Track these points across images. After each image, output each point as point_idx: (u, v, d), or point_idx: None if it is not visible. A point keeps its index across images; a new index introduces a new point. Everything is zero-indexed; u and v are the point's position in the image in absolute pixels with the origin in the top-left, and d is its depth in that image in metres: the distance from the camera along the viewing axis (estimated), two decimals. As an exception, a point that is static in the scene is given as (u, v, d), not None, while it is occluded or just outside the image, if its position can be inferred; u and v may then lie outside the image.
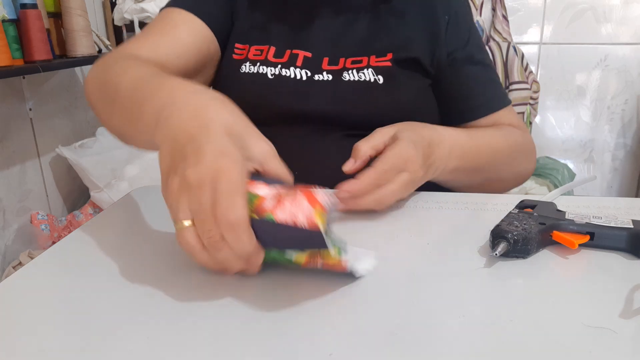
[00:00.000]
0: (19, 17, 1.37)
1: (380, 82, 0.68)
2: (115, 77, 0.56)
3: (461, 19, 0.74)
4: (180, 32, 0.69)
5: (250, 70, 0.70)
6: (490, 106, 0.73)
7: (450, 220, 0.55)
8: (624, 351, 0.33)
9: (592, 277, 0.43)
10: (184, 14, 0.71)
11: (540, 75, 1.94)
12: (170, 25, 0.70)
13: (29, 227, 1.61)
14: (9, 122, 1.55)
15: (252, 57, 0.72)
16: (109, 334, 0.36)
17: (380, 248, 0.49)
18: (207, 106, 0.41)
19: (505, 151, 0.70)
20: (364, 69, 0.69)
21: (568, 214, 0.49)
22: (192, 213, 0.37)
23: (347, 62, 0.70)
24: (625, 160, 2.00)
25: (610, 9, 1.84)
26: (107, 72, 0.59)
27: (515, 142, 0.72)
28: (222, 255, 0.38)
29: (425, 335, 0.35)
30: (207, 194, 0.36)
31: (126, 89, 0.52)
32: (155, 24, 0.71)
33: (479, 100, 0.73)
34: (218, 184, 0.36)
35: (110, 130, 0.62)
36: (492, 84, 0.76)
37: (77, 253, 0.49)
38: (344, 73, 0.70)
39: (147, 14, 1.81)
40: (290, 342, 0.34)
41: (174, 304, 0.39)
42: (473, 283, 0.42)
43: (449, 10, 0.73)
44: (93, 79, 0.63)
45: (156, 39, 0.68)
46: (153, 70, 0.54)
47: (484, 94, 0.74)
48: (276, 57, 0.71)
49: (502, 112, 0.74)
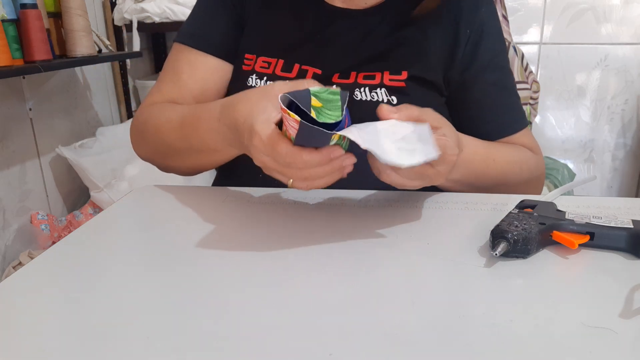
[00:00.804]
0: (19, 17, 1.37)
1: (393, 102, 0.66)
2: (158, 130, 0.67)
3: (485, 35, 0.70)
4: (182, 79, 0.73)
5: (257, 84, 0.69)
6: (500, 131, 0.71)
7: (450, 220, 0.55)
8: (624, 351, 0.33)
9: (592, 277, 0.43)
10: (189, 55, 0.73)
11: (540, 75, 1.94)
12: (174, 73, 0.74)
13: (29, 227, 1.61)
14: (9, 122, 1.55)
15: (259, 69, 0.70)
16: (109, 334, 0.36)
17: (380, 248, 0.49)
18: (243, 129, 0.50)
19: (514, 171, 0.68)
20: (377, 87, 0.67)
21: (568, 214, 0.49)
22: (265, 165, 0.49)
23: (359, 77, 0.68)
24: (625, 160, 2.00)
25: (610, 9, 1.84)
26: (146, 129, 0.69)
27: (526, 164, 0.70)
28: (312, 172, 0.47)
29: (425, 335, 0.35)
30: (267, 158, 0.48)
31: (176, 137, 0.64)
32: (166, 69, 0.75)
33: (489, 127, 0.71)
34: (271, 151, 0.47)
35: (178, 172, 0.72)
36: (505, 108, 0.72)
37: (77, 253, 0.49)
38: (356, 91, 0.67)
39: (147, 14, 1.81)
40: (290, 342, 0.34)
41: (174, 304, 0.39)
42: (473, 283, 0.42)
43: (473, 24, 0.69)
44: (137, 141, 0.73)
45: (167, 89, 0.73)
46: (184, 110, 0.65)
47: (495, 120, 0.71)
48: (284, 72, 0.69)
49: (515, 135, 0.71)
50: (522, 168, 0.69)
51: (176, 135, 0.64)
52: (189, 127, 0.62)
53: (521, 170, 0.69)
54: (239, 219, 0.56)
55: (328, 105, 0.47)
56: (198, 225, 0.54)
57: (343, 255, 0.48)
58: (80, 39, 1.58)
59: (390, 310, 0.38)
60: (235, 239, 0.51)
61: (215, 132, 0.57)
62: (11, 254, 1.55)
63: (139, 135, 0.72)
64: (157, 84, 0.75)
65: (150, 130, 0.68)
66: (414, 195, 0.62)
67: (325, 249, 0.49)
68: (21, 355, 0.34)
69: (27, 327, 0.37)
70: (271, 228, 0.53)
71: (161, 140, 0.67)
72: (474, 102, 0.71)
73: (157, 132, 0.67)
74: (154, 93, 0.74)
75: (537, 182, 0.73)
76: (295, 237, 0.51)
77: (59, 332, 0.36)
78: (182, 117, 0.64)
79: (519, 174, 0.69)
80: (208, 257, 0.47)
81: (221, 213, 0.57)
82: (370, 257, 0.47)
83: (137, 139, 0.73)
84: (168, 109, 0.68)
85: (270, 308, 0.39)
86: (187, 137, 0.62)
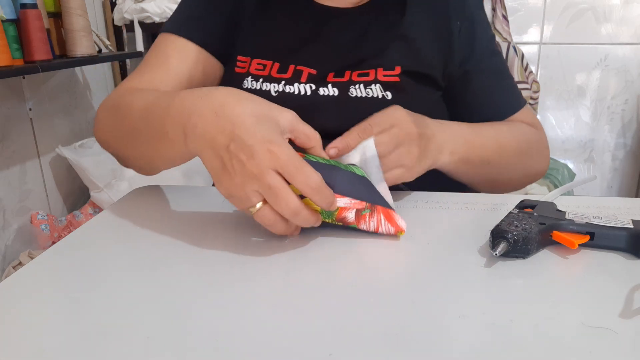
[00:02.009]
0: (19, 17, 1.37)
1: (388, 98, 0.66)
2: (125, 111, 0.60)
3: (477, 24, 0.72)
4: (171, 63, 0.70)
5: (253, 86, 0.69)
6: (501, 114, 0.72)
7: (450, 220, 0.55)
8: (624, 351, 0.33)
9: (592, 277, 0.43)
10: (177, 41, 0.71)
11: (540, 75, 1.94)
12: (163, 57, 0.71)
13: (29, 227, 1.61)
14: (9, 122, 1.55)
15: (254, 71, 0.70)
16: (109, 334, 0.36)
17: (380, 248, 0.49)
18: (225, 103, 0.46)
19: (512, 145, 0.68)
20: (372, 83, 0.67)
21: (568, 214, 0.49)
22: (263, 195, 0.44)
23: (353, 75, 0.68)
24: (625, 160, 2.00)
25: (610, 9, 1.83)
26: (116, 110, 0.62)
27: (525, 138, 0.70)
28: (302, 217, 0.44)
29: (425, 335, 0.35)
30: (274, 177, 0.43)
31: (140, 118, 0.55)
32: (150, 55, 0.72)
33: (490, 112, 0.72)
34: (284, 166, 0.43)
35: (131, 164, 0.65)
36: (503, 91, 0.74)
37: (77, 253, 0.49)
38: (351, 88, 0.67)
39: (147, 14, 1.81)
40: (290, 342, 0.34)
41: (173, 304, 0.39)
42: (473, 283, 0.42)
43: (463, 15, 0.71)
44: (102, 119, 0.66)
45: (151, 74, 0.70)
46: (156, 93, 0.57)
47: (495, 104, 0.73)
48: (280, 73, 0.69)
49: (515, 115, 0.73)
50: (518, 136, 0.70)
51: (141, 114, 0.56)
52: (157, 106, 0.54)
53: (521, 140, 0.70)
54: (239, 219, 0.56)
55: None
56: (198, 225, 0.54)
57: (343, 255, 0.48)
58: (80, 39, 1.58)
59: (390, 310, 0.38)
60: (235, 239, 0.51)
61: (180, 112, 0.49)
62: (11, 254, 1.55)
63: (106, 115, 0.65)
64: (137, 71, 0.71)
65: (121, 109, 0.61)
66: (414, 195, 0.62)
67: (325, 249, 0.49)
68: (21, 355, 0.34)
69: (27, 327, 0.37)
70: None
71: (126, 120, 0.59)
72: (476, 90, 0.72)
73: (125, 112, 0.60)
74: (134, 78, 0.69)
75: (540, 156, 0.73)
76: (295, 237, 0.51)
77: (59, 332, 0.36)
78: (156, 97, 0.56)
79: (519, 143, 0.69)
80: (208, 257, 0.47)
81: (221, 213, 0.57)
82: (370, 257, 0.48)
83: (102, 118, 0.66)
84: (147, 92, 0.62)
85: (270, 308, 0.39)
86: (151, 115, 0.54)
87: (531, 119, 0.74)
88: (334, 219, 0.50)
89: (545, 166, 0.75)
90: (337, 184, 0.48)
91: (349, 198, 0.48)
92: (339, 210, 0.49)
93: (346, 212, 0.49)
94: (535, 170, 0.74)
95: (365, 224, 0.50)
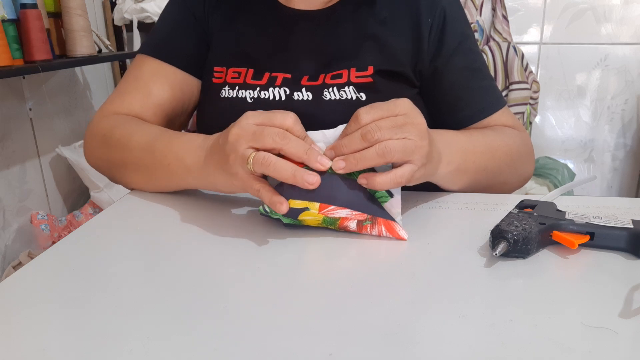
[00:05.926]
0: (19, 17, 1.37)
1: (362, 99, 0.66)
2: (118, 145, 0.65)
3: (449, 21, 0.70)
4: (151, 88, 0.72)
5: (230, 94, 0.69)
6: (478, 115, 0.71)
7: (450, 220, 0.55)
8: (624, 351, 0.33)
9: (592, 277, 0.43)
10: (154, 65, 0.73)
11: (540, 75, 1.94)
12: (142, 82, 0.72)
13: (29, 227, 1.61)
14: (9, 122, 1.55)
15: (231, 80, 0.70)
16: (109, 334, 0.36)
17: (380, 248, 0.49)
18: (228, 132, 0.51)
19: (504, 149, 0.67)
20: (345, 86, 0.66)
21: (568, 214, 0.49)
22: (251, 142, 0.48)
23: (327, 78, 0.68)
24: (625, 160, 2.00)
25: (610, 9, 1.83)
26: (107, 140, 0.66)
27: (513, 141, 0.69)
28: (291, 140, 0.48)
29: (425, 335, 0.35)
30: (251, 132, 0.48)
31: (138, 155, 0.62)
32: (129, 77, 0.74)
33: (467, 111, 0.70)
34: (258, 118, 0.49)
35: (122, 183, 0.68)
36: (480, 91, 0.72)
37: (77, 253, 0.49)
38: (325, 92, 0.67)
39: (147, 14, 1.81)
40: (290, 342, 0.34)
41: (173, 304, 0.39)
42: (473, 283, 0.42)
43: (434, 12, 0.70)
44: (92, 148, 0.70)
45: (131, 99, 0.71)
46: (152, 134, 0.63)
47: (471, 103, 0.70)
48: (255, 79, 0.69)
49: (494, 116, 0.71)
50: (508, 141, 0.68)
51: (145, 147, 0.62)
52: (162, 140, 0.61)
53: (511, 144, 0.68)
54: (239, 219, 0.56)
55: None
56: (198, 225, 0.54)
57: (343, 255, 0.48)
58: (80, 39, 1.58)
59: (390, 310, 0.38)
60: (235, 239, 0.51)
61: (194, 148, 0.57)
62: (11, 254, 1.55)
63: (98, 142, 0.68)
64: (118, 93, 0.72)
65: (115, 138, 0.65)
66: (414, 195, 0.62)
67: (325, 249, 0.49)
68: (21, 355, 0.34)
69: (27, 327, 0.37)
70: (271, 228, 0.53)
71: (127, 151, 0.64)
72: (448, 89, 0.71)
73: (123, 142, 0.64)
74: (115, 102, 0.72)
75: (528, 157, 0.73)
76: (295, 237, 0.51)
77: (59, 332, 0.36)
78: (156, 131, 0.63)
79: (510, 148, 0.68)
80: (208, 257, 0.47)
81: (221, 213, 0.57)
82: (370, 256, 0.48)
83: (95, 145, 0.69)
84: (136, 121, 0.67)
85: (270, 308, 0.39)
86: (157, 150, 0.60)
87: (512, 121, 0.73)
88: (336, 227, 0.51)
89: (532, 168, 0.74)
90: (339, 196, 0.49)
91: (350, 210, 0.49)
92: (340, 219, 0.50)
93: (348, 222, 0.50)
94: (527, 173, 0.73)
95: (367, 233, 0.51)
